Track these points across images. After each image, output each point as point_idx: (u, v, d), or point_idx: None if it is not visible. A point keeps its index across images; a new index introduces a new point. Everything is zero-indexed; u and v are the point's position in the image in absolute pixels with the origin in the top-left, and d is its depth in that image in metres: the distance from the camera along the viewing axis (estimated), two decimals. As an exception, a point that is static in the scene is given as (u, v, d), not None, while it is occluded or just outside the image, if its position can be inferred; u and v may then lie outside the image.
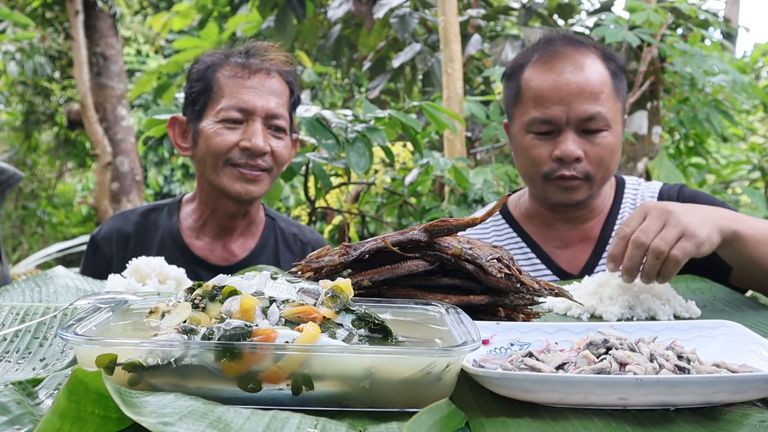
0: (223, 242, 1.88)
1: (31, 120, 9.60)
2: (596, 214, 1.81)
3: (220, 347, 0.71)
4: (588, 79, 1.65)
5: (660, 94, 4.31)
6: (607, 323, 0.99)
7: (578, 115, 1.63)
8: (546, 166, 1.68)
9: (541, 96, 1.66)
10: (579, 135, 1.65)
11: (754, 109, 6.80)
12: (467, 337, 0.78)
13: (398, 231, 1.11)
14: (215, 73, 1.79)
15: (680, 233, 1.25)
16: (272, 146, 1.78)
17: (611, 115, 1.66)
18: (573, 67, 1.66)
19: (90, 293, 1.15)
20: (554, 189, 1.70)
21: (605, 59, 1.70)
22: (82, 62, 7.51)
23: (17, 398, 0.68)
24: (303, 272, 1.11)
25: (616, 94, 1.69)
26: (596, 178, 1.68)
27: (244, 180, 1.77)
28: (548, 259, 1.79)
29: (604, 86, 1.66)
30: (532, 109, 1.68)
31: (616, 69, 1.71)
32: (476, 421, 0.72)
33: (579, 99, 1.63)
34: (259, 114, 1.76)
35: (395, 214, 3.65)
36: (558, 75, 1.66)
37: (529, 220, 1.85)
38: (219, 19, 6.18)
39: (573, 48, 1.70)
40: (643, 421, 0.73)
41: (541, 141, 1.68)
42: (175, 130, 1.89)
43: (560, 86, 1.65)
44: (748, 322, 1.15)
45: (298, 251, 1.97)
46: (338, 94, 8.16)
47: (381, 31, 4.81)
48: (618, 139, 1.69)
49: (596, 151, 1.66)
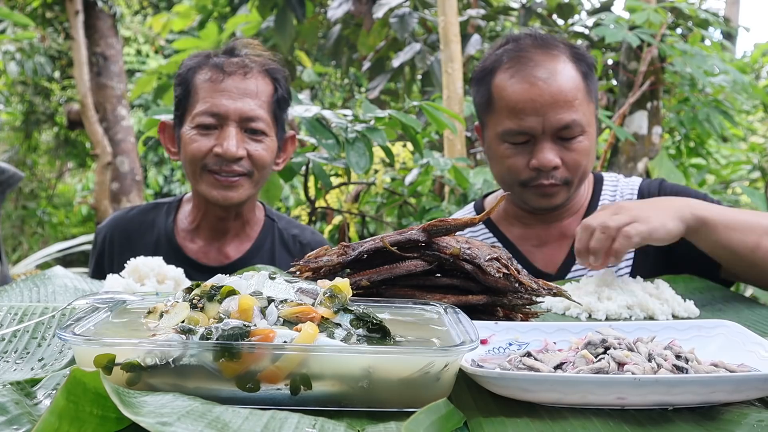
0: (218, 244, 1.87)
1: (31, 120, 9.60)
2: (573, 212, 1.82)
3: (219, 347, 0.71)
4: (561, 87, 1.63)
5: (660, 94, 4.31)
6: (605, 323, 0.99)
7: (553, 125, 1.62)
8: (523, 174, 1.67)
9: (515, 108, 1.64)
10: (554, 143, 1.64)
11: (754, 109, 6.80)
12: (465, 336, 0.78)
13: (397, 231, 1.11)
14: (193, 77, 1.77)
15: (631, 219, 1.31)
16: (249, 150, 1.74)
17: (586, 119, 1.66)
18: (545, 75, 1.63)
19: (88, 293, 1.15)
20: (533, 195, 1.70)
21: (576, 60, 1.68)
22: (82, 62, 7.51)
23: (15, 398, 0.68)
24: (301, 272, 1.11)
25: (589, 95, 1.69)
26: (574, 182, 1.70)
27: (221, 186, 1.75)
28: (525, 261, 1.79)
29: (578, 91, 1.65)
30: (506, 120, 1.66)
31: (587, 69, 1.70)
32: (474, 421, 0.72)
33: (553, 108, 1.62)
34: (233, 118, 1.72)
35: (395, 214, 3.65)
36: (531, 85, 1.63)
37: (506, 221, 1.86)
38: (219, 20, 6.18)
39: (542, 52, 1.68)
40: (641, 420, 0.73)
41: (517, 150, 1.67)
42: (165, 134, 1.88)
43: (534, 97, 1.62)
44: (747, 321, 1.15)
45: (297, 252, 1.96)
46: (338, 94, 8.16)
47: (380, 31, 4.81)
48: (593, 140, 1.70)
49: (573, 157, 1.65)
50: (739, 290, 3.18)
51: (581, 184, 1.73)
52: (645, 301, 1.26)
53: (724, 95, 4.41)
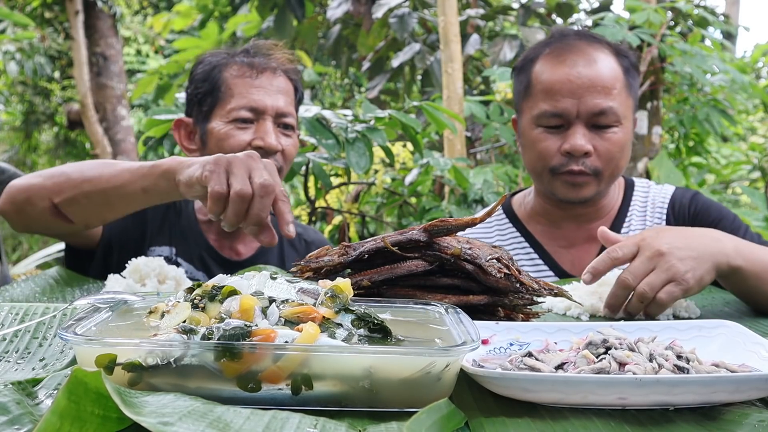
0: (230, 242, 1.88)
1: (31, 120, 9.60)
2: (603, 214, 1.78)
3: (220, 347, 0.71)
4: (600, 73, 1.63)
5: (660, 94, 4.31)
6: (606, 323, 0.99)
7: (589, 109, 1.61)
8: (554, 160, 1.66)
9: (551, 89, 1.64)
10: (589, 129, 1.63)
11: (754, 109, 6.80)
12: (466, 336, 0.78)
13: (398, 231, 1.11)
14: (222, 73, 1.79)
15: (669, 279, 1.19)
16: (282, 144, 1.78)
17: (622, 111, 1.64)
18: (585, 61, 1.64)
19: (89, 293, 1.15)
20: (561, 184, 1.68)
21: (618, 55, 1.68)
22: (82, 62, 7.51)
23: (17, 398, 0.68)
24: (302, 272, 1.11)
25: (628, 90, 1.67)
26: (605, 175, 1.66)
27: None
28: (551, 260, 1.77)
29: (617, 81, 1.64)
30: (542, 102, 1.66)
31: (629, 66, 1.69)
32: (476, 421, 0.72)
33: (590, 93, 1.61)
34: (270, 113, 1.76)
35: (395, 214, 3.65)
36: (570, 68, 1.63)
37: (534, 219, 1.82)
38: (219, 20, 6.19)
39: (585, 42, 1.68)
40: (642, 420, 0.73)
41: (550, 134, 1.66)
42: (181, 132, 1.87)
43: (572, 79, 1.62)
44: (748, 321, 1.15)
45: (303, 251, 1.97)
46: (338, 94, 8.16)
47: (380, 31, 4.81)
48: (628, 136, 1.67)
49: (606, 147, 1.63)
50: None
51: (611, 181, 1.70)
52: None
53: (723, 95, 4.41)
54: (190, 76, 1.87)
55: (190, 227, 1.86)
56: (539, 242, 1.79)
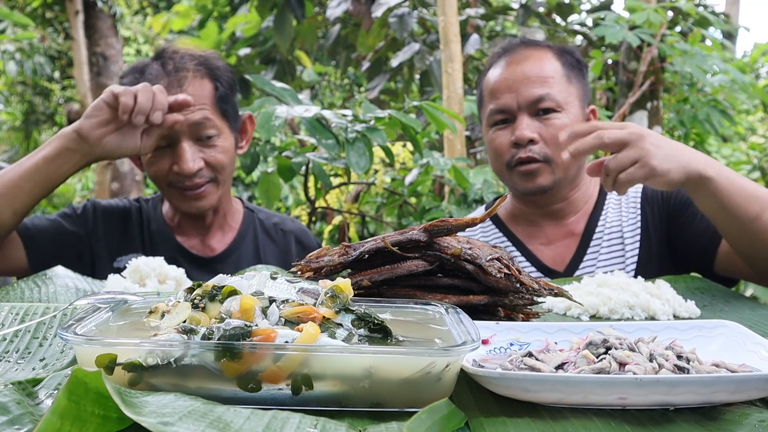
0: (201, 237, 1.89)
1: (31, 120, 9.60)
2: (578, 209, 1.84)
3: (220, 347, 0.71)
4: (534, 66, 1.74)
5: (660, 94, 4.31)
6: (606, 323, 0.99)
7: (526, 99, 1.72)
8: (507, 154, 1.75)
9: (494, 89, 1.77)
10: (532, 118, 1.73)
11: (754, 109, 6.80)
12: (467, 336, 0.78)
13: (398, 231, 1.11)
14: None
15: (637, 158, 1.30)
16: (206, 158, 1.74)
17: (562, 97, 1.73)
18: (521, 60, 1.76)
19: (89, 293, 1.15)
20: (518, 177, 1.75)
21: (558, 53, 1.79)
22: (82, 62, 7.51)
23: (17, 398, 0.68)
24: (302, 272, 1.11)
25: (568, 80, 1.76)
26: (556, 161, 1.73)
27: (189, 199, 1.76)
28: (533, 257, 1.82)
29: (553, 72, 1.74)
30: (488, 104, 1.78)
31: (571, 61, 1.79)
32: (476, 421, 0.72)
33: (526, 84, 1.72)
34: (182, 131, 1.70)
35: (395, 214, 3.65)
36: (507, 68, 1.77)
37: (514, 220, 1.89)
38: (219, 20, 6.18)
39: (526, 47, 1.81)
40: (642, 420, 0.73)
41: (500, 131, 1.77)
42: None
43: (508, 76, 1.75)
44: (748, 321, 1.15)
45: (280, 241, 1.98)
46: (338, 94, 8.16)
47: (380, 31, 4.81)
48: (575, 121, 1.74)
49: (551, 132, 1.71)
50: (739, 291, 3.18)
51: (569, 168, 1.75)
52: (646, 301, 1.26)
53: (723, 95, 4.42)
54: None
55: (160, 232, 1.87)
56: (521, 241, 1.86)
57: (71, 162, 1.55)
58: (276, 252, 1.95)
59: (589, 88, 1.86)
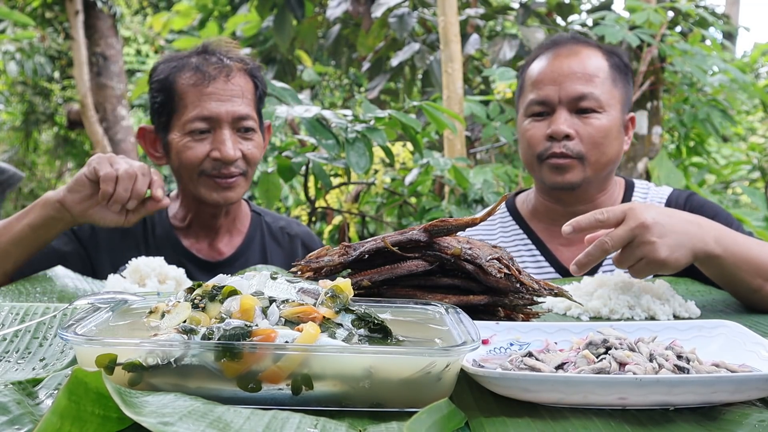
0: (209, 240, 1.88)
1: (31, 120, 9.60)
2: None
3: (220, 347, 0.71)
4: (581, 62, 1.73)
5: (660, 94, 4.31)
6: (606, 323, 0.99)
7: (569, 94, 1.70)
8: (540, 146, 1.74)
9: (537, 80, 1.76)
10: (571, 115, 1.71)
11: (754, 109, 6.80)
12: (467, 336, 0.78)
13: (398, 231, 1.11)
14: (175, 83, 1.75)
15: (644, 255, 1.24)
16: (243, 150, 1.75)
17: (605, 98, 1.72)
18: (570, 54, 1.75)
19: (90, 293, 1.15)
20: (548, 170, 1.74)
21: (607, 54, 1.77)
22: (82, 62, 7.52)
23: (17, 398, 0.68)
24: (303, 272, 1.11)
25: (613, 82, 1.75)
26: (589, 159, 1.71)
27: (220, 188, 1.76)
28: (552, 257, 1.80)
29: (599, 71, 1.73)
30: (529, 94, 1.77)
31: (619, 63, 1.77)
32: (476, 421, 0.73)
33: (570, 79, 1.71)
34: (226, 120, 1.73)
35: (395, 214, 3.65)
36: (553, 60, 1.75)
37: (536, 217, 1.87)
38: (219, 19, 6.18)
39: (576, 42, 1.80)
40: (642, 420, 0.73)
41: (537, 123, 1.75)
42: (146, 140, 1.86)
43: (554, 69, 1.74)
44: (748, 321, 1.15)
45: (286, 244, 1.97)
46: (338, 94, 8.16)
47: (380, 31, 4.81)
48: (614, 125, 1.73)
49: (588, 131, 1.70)
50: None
51: (599, 168, 1.73)
52: (646, 301, 1.26)
53: (723, 95, 4.42)
54: (149, 83, 1.84)
55: (166, 236, 1.86)
56: (541, 239, 1.84)
57: (56, 229, 1.58)
58: (282, 256, 1.94)
59: (631, 94, 1.84)
